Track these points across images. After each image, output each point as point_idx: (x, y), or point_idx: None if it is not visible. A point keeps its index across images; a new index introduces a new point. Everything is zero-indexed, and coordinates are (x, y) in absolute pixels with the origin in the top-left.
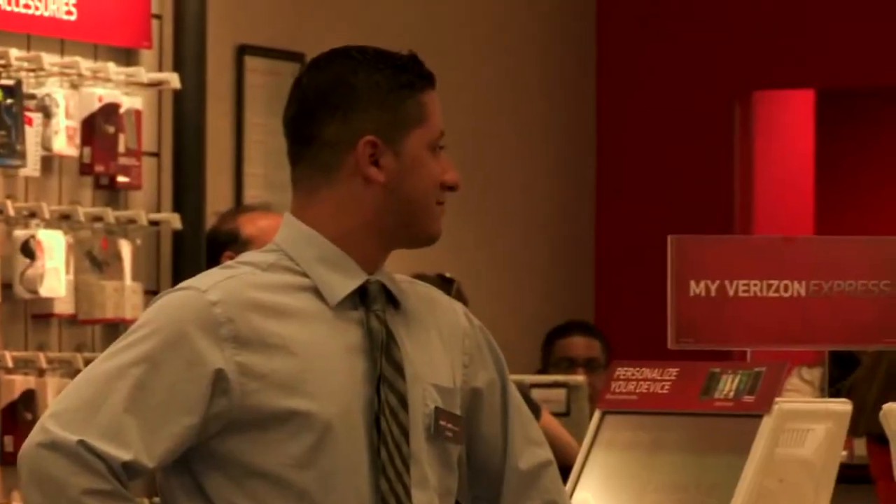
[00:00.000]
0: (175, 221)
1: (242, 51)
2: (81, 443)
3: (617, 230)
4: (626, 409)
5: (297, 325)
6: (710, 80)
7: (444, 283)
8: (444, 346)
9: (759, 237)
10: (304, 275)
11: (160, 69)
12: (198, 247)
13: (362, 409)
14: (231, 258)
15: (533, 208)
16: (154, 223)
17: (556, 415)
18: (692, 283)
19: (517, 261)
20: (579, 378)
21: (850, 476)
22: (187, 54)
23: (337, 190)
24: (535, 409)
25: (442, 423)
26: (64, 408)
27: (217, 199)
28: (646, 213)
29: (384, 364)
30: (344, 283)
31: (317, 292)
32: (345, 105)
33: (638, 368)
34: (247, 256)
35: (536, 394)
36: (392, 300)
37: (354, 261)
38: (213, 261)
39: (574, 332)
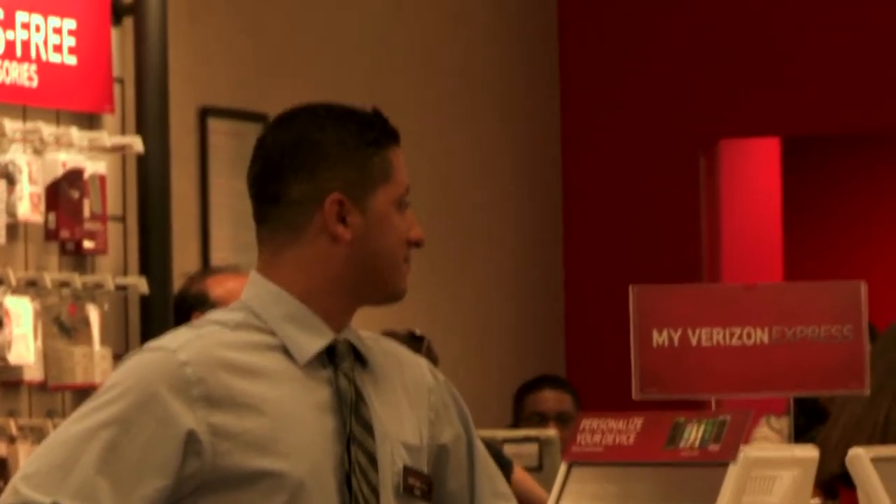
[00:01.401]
0: (142, 285)
1: (205, 113)
2: None
3: (585, 282)
4: (593, 461)
5: (266, 384)
6: (675, 128)
7: (415, 341)
8: (410, 403)
9: (720, 285)
10: (272, 333)
11: (123, 133)
12: (165, 310)
13: (333, 469)
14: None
15: (501, 263)
16: (121, 287)
17: (529, 469)
18: (655, 333)
19: (487, 316)
20: (551, 432)
21: None
22: (150, 117)
23: (303, 248)
24: (508, 465)
25: (410, 481)
26: (35, 470)
27: (184, 261)
28: (614, 264)
29: (353, 423)
30: (312, 341)
31: (285, 351)
32: (311, 163)
33: (603, 420)
34: (214, 315)
35: (508, 449)
36: (359, 358)
37: (321, 319)
38: (180, 323)
39: (545, 386)
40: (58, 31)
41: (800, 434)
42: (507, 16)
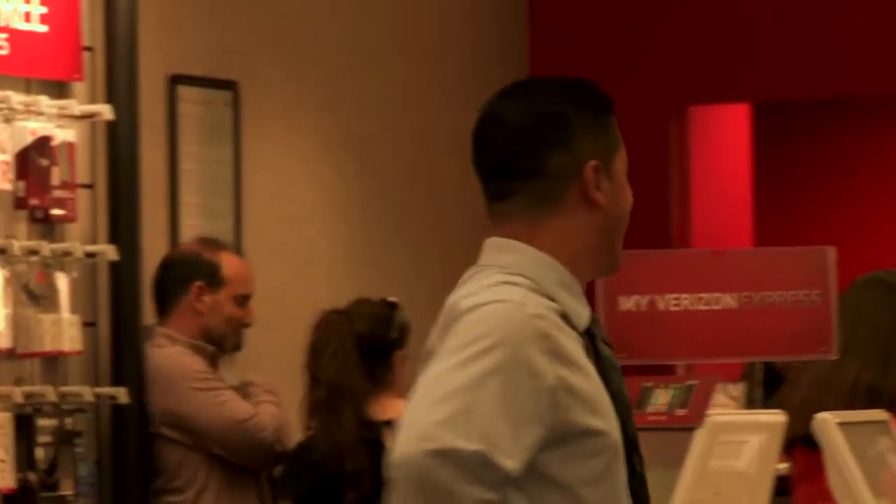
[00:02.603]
0: (111, 253)
1: (175, 81)
2: (478, 453)
3: None
4: None
5: (577, 346)
6: (645, 95)
7: (389, 307)
8: None
9: (687, 251)
10: (552, 300)
11: (93, 101)
12: (134, 277)
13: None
14: (201, 289)
15: (471, 234)
16: (90, 255)
17: None
18: (622, 299)
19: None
20: None
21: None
22: (119, 85)
23: (564, 217)
24: None
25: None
26: (447, 417)
27: (153, 229)
28: None
29: (625, 391)
30: (583, 309)
31: (564, 317)
32: (563, 135)
33: None
34: (499, 276)
35: None
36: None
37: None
38: (173, 282)
39: None
40: None
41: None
42: None
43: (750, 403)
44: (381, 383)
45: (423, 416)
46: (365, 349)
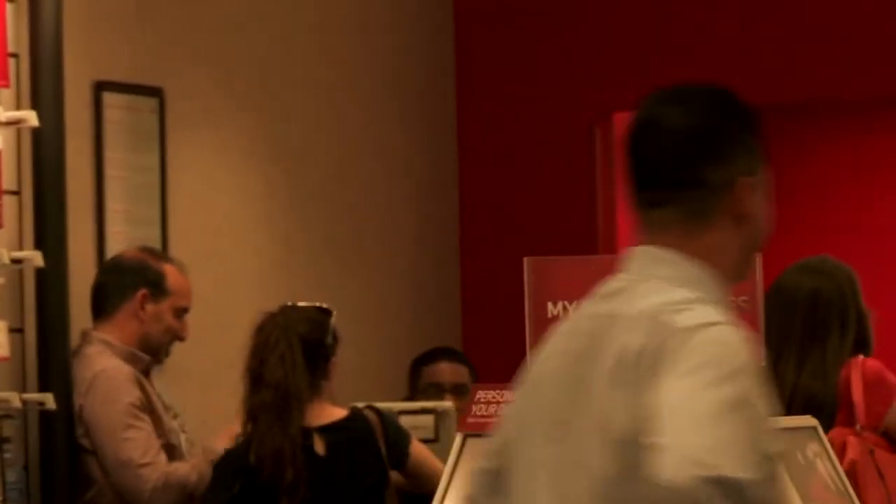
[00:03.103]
0: (37, 259)
1: (100, 87)
2: (752, 482)
3: (482, 255)
4: (488, 432)
5: None
6: (570, 102)
7: (323, 313)
8: None
9: (612, 256)
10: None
11: (18, 107)
12: (61, 283)
13: None
14: (145, 297)
15: (397, 238)
16: (16, 261)
17: (425, 441)
18: (549, 305)
19: (382, 290)
20: (447, 404)
21: None
22: (45, 92)
23: (714, 232)
24: (406, 436)
25: None
26: (715, 444)
27: (79, 235)
28: (510, 237)
29: None
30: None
31: None
32: (724, 147)
33: (499, 391)
34: (672, 293)
35: (405, 420)
36: None
37: None
38: (117, 287)
39: (440, 358)
40: None
41: None
42: None
43: None
44: (317, 389)
45: (689, 440)
46: (307, 354)
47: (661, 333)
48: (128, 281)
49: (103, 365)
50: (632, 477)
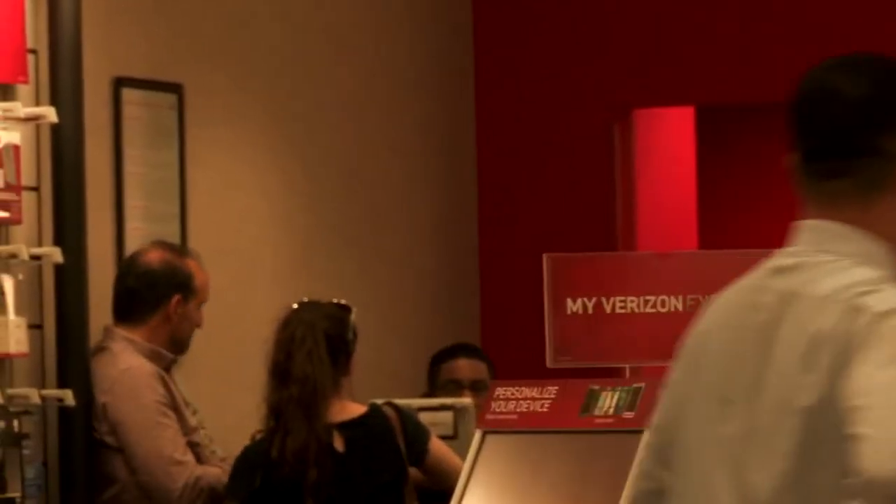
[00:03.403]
0: (56, 255)
1: (119, 83)
2: None
3: (500, 251)
4: (507, 429)
5: None
6: (589, 99)
7: (342, 310)
8: None
9: (633, 254)
10: None
11: (37, 103)
12: (80, 279)
13: None
14: (178, 302)
15: (415, 234)
16: (35, 257)
17: (444, 437)
18: (569, 301)
19: (401, 286)
20: (466, 400)
21: None
22: (64, 88)
23: (886, 203)
24: (425, 433)
25: None
26: None
27: (98, 231)
28: (529, 234)
29: None
30: None
31: None
32: None
33: (518, 388)
34: (856, 273)
35: (424, 417)
36: None
37: None
38: (152, 294)
39: (459, 354)
40: None
41: None
42: None
43: None
44: (338, 385)
45: (892, 433)
46: (330, 350)
47: (854, 317)
48: (160, 291)
49: (128, 363)
50: (821, 465)
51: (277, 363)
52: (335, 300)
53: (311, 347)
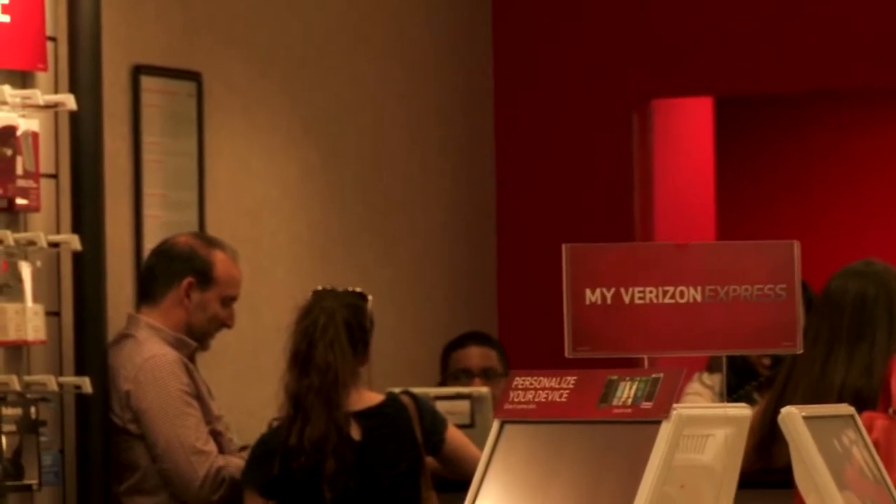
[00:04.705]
0: (75, 242)
1: (138, 71)
2: None
3: (518, 241)
4: (525, 419)
5: None
6: (608, 88)
7: (360, 298)
8: None
9: (653, 244)
10: None
11: (56, 91)
12: (98, 267)
13: None
14: (191, 285)
15: (433, 223)
16: (54, 245)
17: (461, 426)
18: (587, 292)
19: (419, 276)
20: (483, 389)
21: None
22: (83, 75)
23: None
24: (443, 422)
25: None
26: None
27: (116, 219)
28: (546, 223)
29: None
30: None
31: None
32: None
33: (536, 378)
34: None
35: (440, 406)
36: None
37: None
38: (165, 273)
39: (470, 342)
40: None
41: (730, 392)
42: None
43: (719, 396)
44: (356, 374)
45: None
46: (350, 338)
47: None
48: (175, 268)
49: (153, 351)
50: None
51: (299, 351)
52: (351, 288)
53: (333, 336)
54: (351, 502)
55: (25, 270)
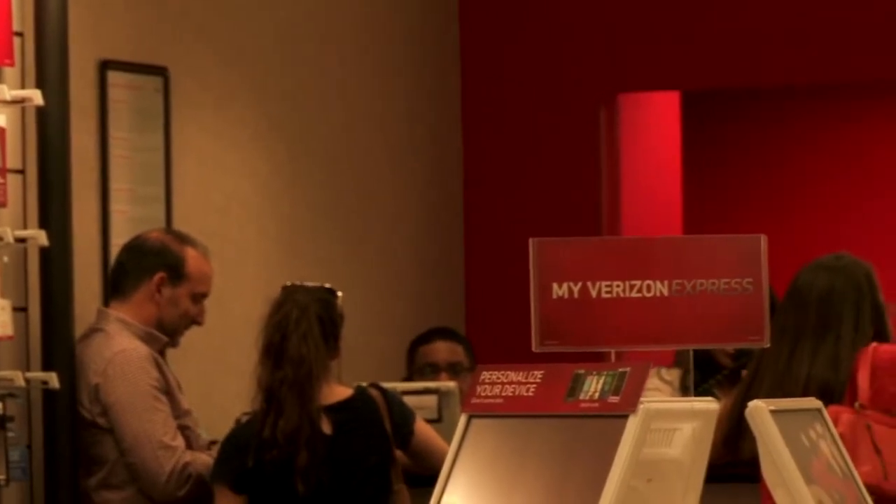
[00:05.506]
0: (42, 238)
1: (105, 66)
2: None
3: (485, 236)
4: (493, 413)
5: None
6: (574, 83)
7: (330, 293)
8: None
9: (619, 238)
10: None
11: (23, 86)
12: (65, 262)
13: None
14: (162, 280)
15: (401, 218)
16: (21, 240)
17: (429, 421)
18: (555, 286)
19: (386, 271)
20: (450, 384)
21: (738, 475)
22: (50, 71)
23: None
24: (411, 415)
25: None
26: None
27: (83, 214)
28: (514, 218)
29: None
30: None
31: None
32: None
33: (503, 372)
34: None
35: (408, 401)
36: None
37: None
38: (136, 267)
39: (436, 337)
40: None
41: (695, 386)
42: None
43: (684, 390)
44: (327, 368)
45: None
46: (322, 332)
47: None
48: (147, 263)
49: (123, 345)
50: None
51: (272, 344)
52: (321, 284)
53: (307, 330)
54: (323, 496)
55: None
